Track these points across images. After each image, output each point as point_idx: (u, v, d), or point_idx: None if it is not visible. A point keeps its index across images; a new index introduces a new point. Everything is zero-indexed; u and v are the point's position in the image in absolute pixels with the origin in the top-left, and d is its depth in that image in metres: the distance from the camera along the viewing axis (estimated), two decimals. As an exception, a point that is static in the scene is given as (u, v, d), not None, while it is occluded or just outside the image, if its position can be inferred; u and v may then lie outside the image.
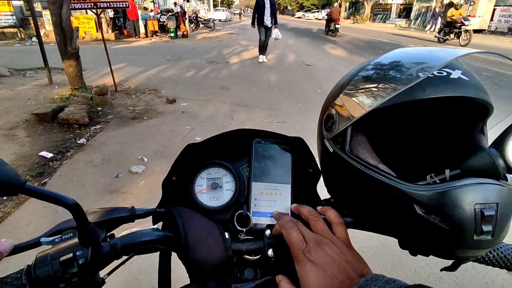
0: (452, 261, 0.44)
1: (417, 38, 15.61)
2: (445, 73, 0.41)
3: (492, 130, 0.48)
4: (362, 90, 0.45)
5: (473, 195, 0.36)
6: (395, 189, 0.39)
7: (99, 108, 4.43)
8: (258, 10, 7.49)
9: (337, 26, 14.91)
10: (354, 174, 0.44)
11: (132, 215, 0.50)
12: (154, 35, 15.26)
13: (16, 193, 0.30)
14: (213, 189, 0.59)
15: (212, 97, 5.12)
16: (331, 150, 0.48)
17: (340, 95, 0.48)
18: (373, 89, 0.43)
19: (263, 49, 8.18)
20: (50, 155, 3.12)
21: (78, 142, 3.43)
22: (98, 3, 4.81)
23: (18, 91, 5.09)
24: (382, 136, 0.56)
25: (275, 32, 7.77)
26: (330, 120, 0.49)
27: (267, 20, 7.46)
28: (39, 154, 3.12)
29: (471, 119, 0.48)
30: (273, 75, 6.92)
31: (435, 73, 0.41)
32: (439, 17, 18.61)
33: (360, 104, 0.43)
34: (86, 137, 3.55)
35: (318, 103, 0.73)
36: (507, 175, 0.40)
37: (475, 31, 18.54)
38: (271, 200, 0.58)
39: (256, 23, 7.69)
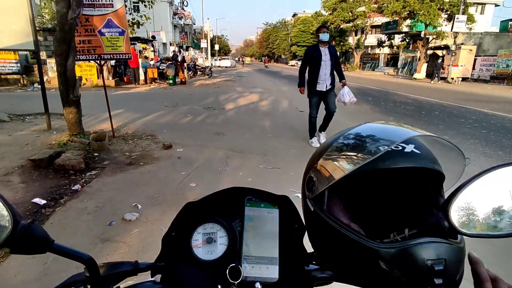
0: None
1: (407, 84, 16.44)
2: (400, 147, 0.50)
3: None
4: (335, 159, 0.53)
5: (425, 252, 0.43)
6: (363, 246, 0.46)
7: (96, 154, 4.49)
8: (311, 66, 4.89)
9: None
10: (330, 231, 0.51)
11: (136, 269, 0.56)
12: (153, 82, 15.86)
13: (45, 251, 0.36)
14: (208, 243, 0.64)
15: (208, 143, 5.24)
16: (312, 209, 0.55)
17: (318, 161, 0.56)
18: (344, 159, 0.52)
19: (314, 127, 5.25)
20: (43, 202, 3.10)
21: (73, 188, 3.43)
22: (102, 55, 5.10)
23: (16, 137, 5.16)
24: (356, 197, 0.64)
25: (346, 93, 5.00)
26: (311, 182, 0.57)
27: (324, 82, 4.85)
28: (32, 201, 3.10)
29: (428, 185, 0.56)
30: (267, 121, 7.14)
31: (392, 147, 0.49)
32: (441, 68, 19.64)
33: (334, 171, 0.52)
34: (81, 184, 3.55)
35: (312, 149, 0.80)
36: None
37: (445, 78, 19.79)
38: (260, 255, 0.63)
39: (305, 87, 5.10)
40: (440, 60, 20.24)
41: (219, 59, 44.93)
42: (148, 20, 13.85)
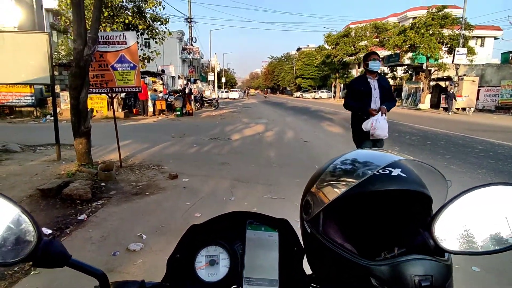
0: None
1: (412, 114, 16.56)
2: (388, 171, 0.54)
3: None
4: (328, 183, 0.58)
5: (413, 269, 0.46)
6: (356, 264, 0.49)
7: (103, 184, 4.55)
8: (360, 100, 3.82)
9: None
10: (327, 252, 0.55)
11: None
12: (161, 114, 16.26)
13: (63, 265, 0.40)
14: (211, 265, 0.66)
15: (213, 173, 5.28)
16: (309, 231, 0.59)
17: (314, 186, 0.61)
18: (337, 182, 0.56)
19: None
20: (49, 231, 3.12)
21: (79, 218, 3.45)
22: (114, 88, 5.33)
23: (27, 167, 5.28)
24: (350, 218, 0.67)
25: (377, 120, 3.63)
26: (307, 205, 0.61)
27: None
28: (39, 230, 3.12)
29: (416, 207, 0.60)
30: (272, 151, 7.20)
31: (380, 171, 0.54)
32: (454, 99, 19.07)
33: (328, 194, 0.56)
34: (87, 213, 3.58)
35: None
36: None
37: (464, 109, 19.86)
38: (261, 277, 0.65)
39: (352, 128, 4.16)
40: (452, 91, 19.74)
41: (229, 91, 48.43)
42: (158, 55, 14.52)
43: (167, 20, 13.98)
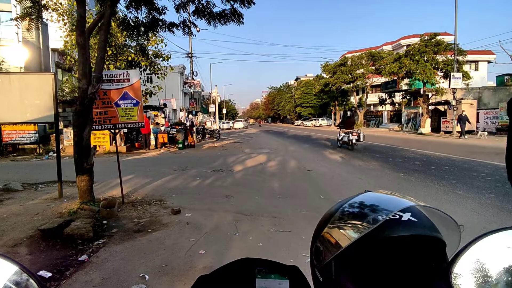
0: None
1: (415, 139, 16.58)
2: (398, 216, 0.52)
3: None
4: (339, 228, 0.56)
5: None
6: None
7: (105, 221, 4.46)
8: None
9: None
10: None
11: None
12: (163, 147, 16.35)
13: None
14: None
15: (216, 206, 5.19)
16: (321, 279, 0.56)
17: (323, 231, 0.58)
18: (346, 228, 0.54)
19: None
20: (48, 274, 3.01)
21: (80, 259, 3.35)
22: (117, 124, 5.39)
23: (28, 206, 5.22)
24: (363, 265, 0.64)
25: None
26: (318, 251, 0.58)
27: None
28: (37, 274, 3.01)
29: (430, 252, 0.57)
30: (275, 182, 7.13)
31: (390, 216, 0.52)
32: (467, 121, 18.12)
33: (339, 240, 0.54)
34: (88, 254, 3.48)
35: (322, 209, 0.81)
36: None
37: (465, 132, 19.92)
38: None
39: None
40: (465, 114, 18.62)
41: (234, 121, 52.49)
42: (160, 90, 14.89)
43: (169, 56, 14.51)
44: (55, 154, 5.94)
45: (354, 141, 12.28)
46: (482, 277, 0.46)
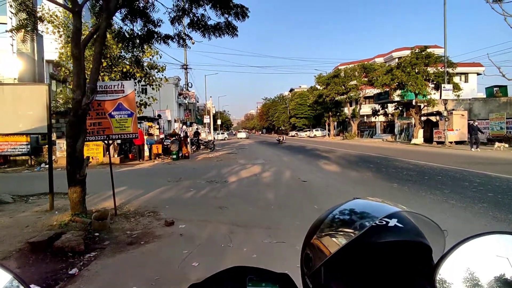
0: None
1: (407, 149, 16.72)
2: (384, 222, 0.54)
3: None
4: (327, 235, 0.57)
5: None
6: None
7: (97, 234, 4.39)
8: None
9: None
10: None
11: None
12: (157, 158, 16.24)
13: None
14: None
15: (210, 217, 5.15)
16: (311, 286, 0.56)
17: (313, 238, 0.59)
18: (335, 235, 0.56)
19: None
20: (37, 289, 2.94)
21: (70, 272, 3.28)
22: (111, 135, 5.37)
23: (18, 218, 5.12)
24: (351, 270, 0.65)
25: None
26: (307, 258, 0.59)
27: None
28: (26, 288, 2.94)
29: (416, 257, 0.58)
30: (270, 192, 7.11)
31: (377, 222, 0.53)
32: (479, 132, 16.74)
33: (328, 247, 0.55)
34: (79, 267, 3.41)
35: None
36: None
37: (457, 142, 20.19)
38: None
39: None
40: (476, 124, 17.25)
41: (236, 131, 56.67)
42: (155, 101, 14.90)
43: (164, 68, 14.59)
44: (47, 166, 5.87)
45: None
46: (465, 280, 0.47)
